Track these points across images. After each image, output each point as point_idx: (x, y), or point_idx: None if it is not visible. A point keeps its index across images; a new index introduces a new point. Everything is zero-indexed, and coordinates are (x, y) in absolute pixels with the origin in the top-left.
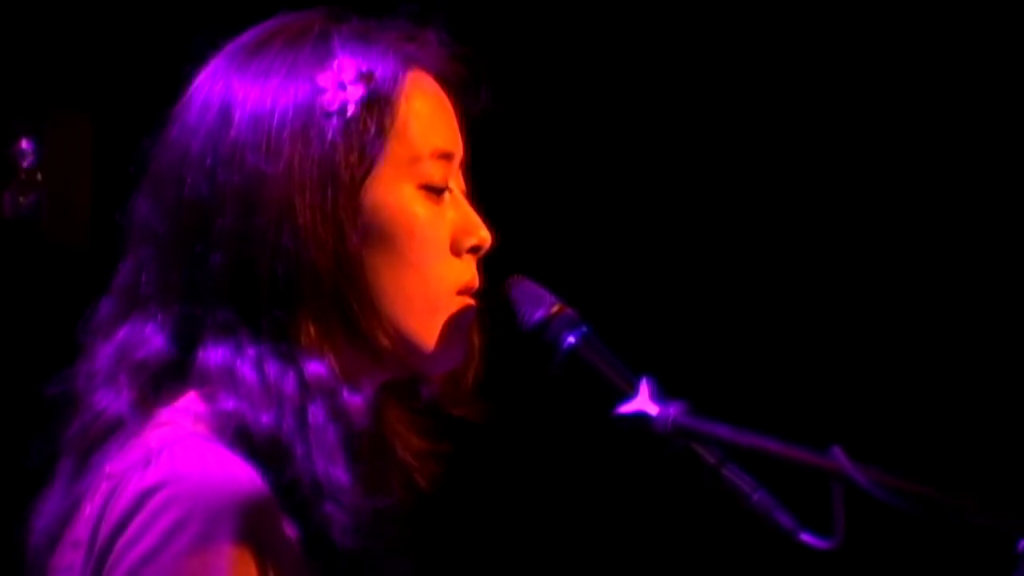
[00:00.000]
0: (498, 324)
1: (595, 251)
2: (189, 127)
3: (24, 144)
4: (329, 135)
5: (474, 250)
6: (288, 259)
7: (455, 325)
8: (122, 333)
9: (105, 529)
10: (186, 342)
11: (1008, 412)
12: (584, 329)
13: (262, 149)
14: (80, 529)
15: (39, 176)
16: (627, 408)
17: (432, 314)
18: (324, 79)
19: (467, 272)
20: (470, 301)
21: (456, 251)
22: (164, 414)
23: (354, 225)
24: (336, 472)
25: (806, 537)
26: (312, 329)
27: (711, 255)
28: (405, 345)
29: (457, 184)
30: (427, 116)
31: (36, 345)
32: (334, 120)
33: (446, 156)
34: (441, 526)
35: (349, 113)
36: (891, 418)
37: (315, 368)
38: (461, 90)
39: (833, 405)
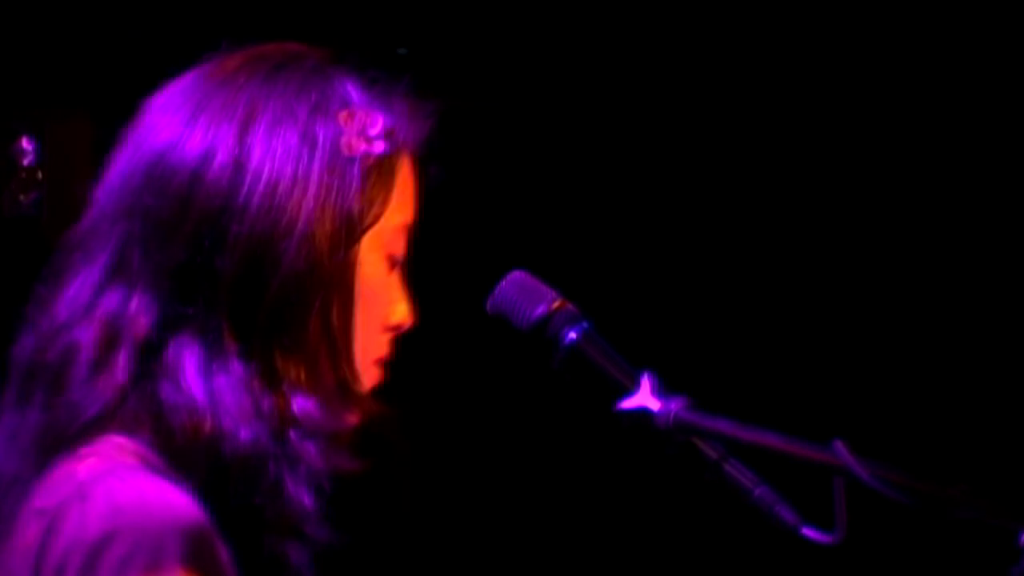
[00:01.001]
0: (499, 321)
1: (596, 247)
2: (209, 134)
3: (24, 143)
4: (353, 181)
5: (396, 328)
6: (296, 286)
7: (358, 397)
8: (106, 305)
9: (48, 570)
10: (163, 337)
11: (1008, 405)
12: (585, 324)
13: (288, 176)
14: (16, 567)
15: (39, 175)
16: (629, 403)
17: (349, 384)
18: (351, 125)
19: (388, 347)
20: (380, 374)
21: (384, 327)
22: (83, 448)
23: (352, 271)
24: (303, 499)
25: (808, 532)
26: (295, 363)
27: (712, 251)
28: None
29: None
30: (408, 188)
31: None
32: (356, 166)
33: (407, 230)
34: (445, 523)
35: (369, 163)
36: (892, 412)
37: (302, 403)
38: (422, 162)
39: (834, 399)
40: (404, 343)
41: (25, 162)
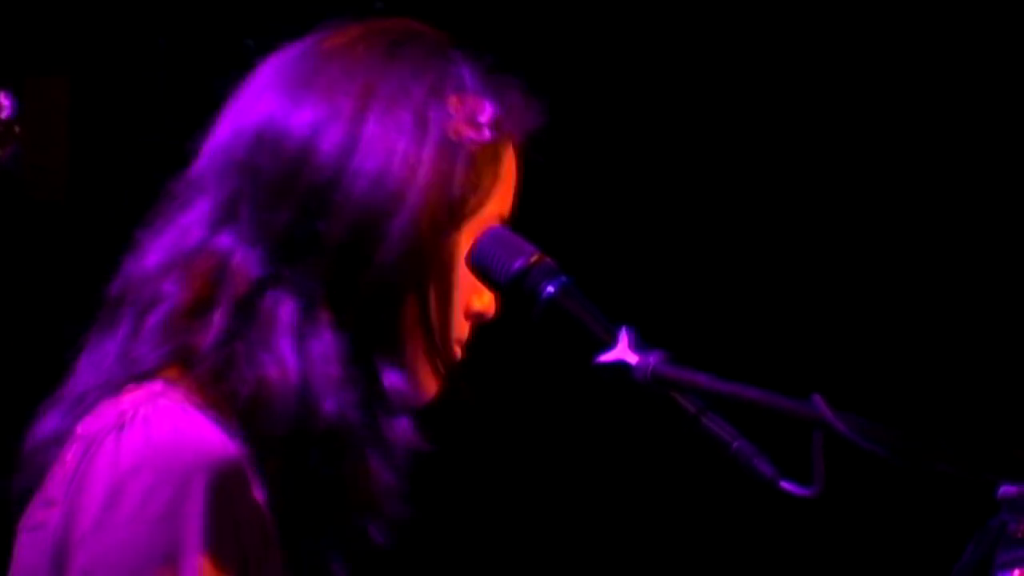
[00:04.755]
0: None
1: (577, 202)
2: (325, 103)
3: (2, 97)
4: (460, 166)
5: (478, 316)
6: (397, 263)
7: (443, 372)
8: (213, 252)
9: (79, 492)
10: (261, 293)
11: (985, 359)
12: (564, 279)
13: (400, 155)
14: (53, 489)
15: (17, 129)
16: (607, 357)
17: (437, 360)
18: (461, 111)
19: (468, 331)
20: (459, 354)
21: (467, 313)
22: (137, 384)
23: (451, 256)
24: (385, 475)
25: (786, 485)
26: (387, 338)
27: (690, 208)
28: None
29: None
30: (510, 180)
31: (10, 298)
32: (464, 152)
33: (502, 221)
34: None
35: (476, 150)
36: (871, 366)
37: (392, 378)
38: (526, 154)
39: (813, 355)
40: None
41: (2, 116)
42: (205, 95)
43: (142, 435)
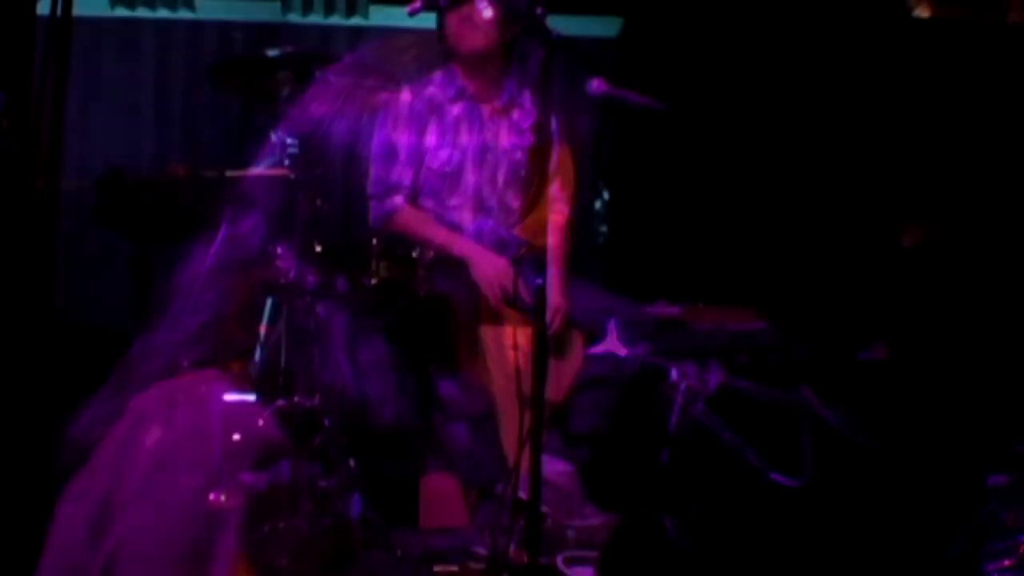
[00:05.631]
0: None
1: None
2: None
3: None
4: None
5: None
6: None
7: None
8: (271, 260)
9: (124, 461)
10: (315, 301)
11: (977, 352)
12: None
13: None
14: (101, 458)
15: (5, 123)
16: (597, 349)
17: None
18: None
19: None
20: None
21: None
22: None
23: None
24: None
25: (775, 476)
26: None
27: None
28: None
29: None
30: None
31: None
32: None
33: None
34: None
35: None
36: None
37: (447, 386)
38: None
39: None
40: None
41: None
42: (192, 89)
43: (192, 412)
